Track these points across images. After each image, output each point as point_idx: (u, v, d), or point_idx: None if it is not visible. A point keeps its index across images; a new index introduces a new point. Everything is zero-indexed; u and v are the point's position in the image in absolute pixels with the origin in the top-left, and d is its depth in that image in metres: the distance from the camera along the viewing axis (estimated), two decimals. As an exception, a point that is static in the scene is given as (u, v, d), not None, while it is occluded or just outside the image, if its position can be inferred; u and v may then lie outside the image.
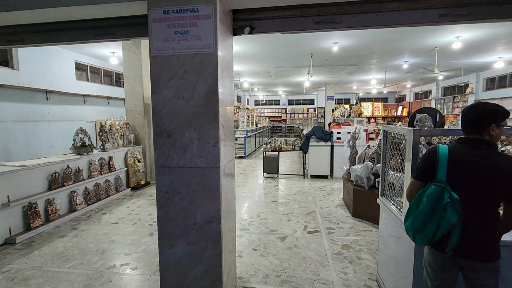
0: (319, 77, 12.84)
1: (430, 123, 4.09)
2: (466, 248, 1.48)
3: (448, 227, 1.44)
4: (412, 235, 1.59)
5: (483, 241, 1.48)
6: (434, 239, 1.50)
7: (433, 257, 1.62)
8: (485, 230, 1.48)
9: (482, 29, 6.17)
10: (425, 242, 1.54)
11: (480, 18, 2.19)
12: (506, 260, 1.63)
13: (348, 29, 2.42)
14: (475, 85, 11.79)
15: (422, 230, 1.51)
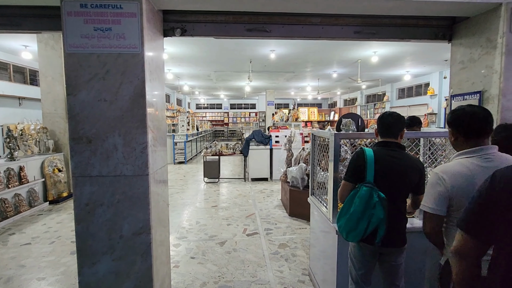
0: (259, 82, 13.24)
1: (354, 127, 4.55)
2: (389, 238, 1.69)
3: (377, 222, 1.63)
4: (345, 234, 1.72)
5: (400, 230, 1.74)
6: (365, 235, 1.67)
7: (361, 250, 1.79)
8: (401, 221, 1.74)
9: (393, 47, 7.18)
10: (357, 239, 1.69)
11: (385, 37, 2.55)
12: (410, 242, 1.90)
13: (278, 38, 2.55)
14: (390, 94, 13.65)
15: (355, 229, 1.67)
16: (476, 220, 0.92)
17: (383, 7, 2.24)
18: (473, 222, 0.93)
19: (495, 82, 2.12)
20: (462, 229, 0.96)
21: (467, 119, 1.38)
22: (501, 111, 2.09)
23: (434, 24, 2.54)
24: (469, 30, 2.37)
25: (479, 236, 0.92)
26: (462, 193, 1.34)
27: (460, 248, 0.96)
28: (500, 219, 0.84)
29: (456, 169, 1.37)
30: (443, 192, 1.37)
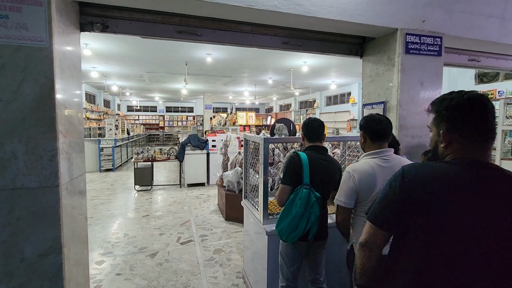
0: (196, 86, 12.96)
1: (286, 131, 4.82)
2: (320, 232, 1.85)
3: (314, 220, 1.75)
4: (286, 236, 1.79)
5: (325, 224, 1.92)
6: (303, 234, 1.77)
7: (294, 248, 1.88)
8: (326, 216, 1.93)
9: (320, 58, 7.87)
10: (296, 238, 1.78)
11: (309, 50, 2.77)
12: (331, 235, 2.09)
13: (209, 42, 2.55)
14: (320, 101, 14.92)
15: (295, 229, 1.75)
16: (385, 213, 0.99)
17: (306, 22, 2.44)
18: (383, 215, 0.99)
19: (394, 94, 2.51)
20: (375, 222, 1.01)
21: (374, 124, 1.63)
22: (398, 118, 2.49)
23: (349, 41, 2.88)
24: (375, 49, 2.75)
25: (389, 228, 0.99)
26: (366, 188, 1.55)
27: (369, 239, 1.02)
28: (408, 211, 0.92)
29: (363, 168, 1.59)
30: (353, 188, 1.57)
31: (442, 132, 0.97)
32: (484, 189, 0.88)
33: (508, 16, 2.82)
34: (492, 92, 7.52)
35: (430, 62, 2.58)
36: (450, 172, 0.91)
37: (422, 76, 2.56)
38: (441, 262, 0.89)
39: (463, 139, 0.93)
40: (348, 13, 2.34)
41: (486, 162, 0.93)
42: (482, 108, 0.92)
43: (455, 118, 0.94)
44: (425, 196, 0.90)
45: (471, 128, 0.92)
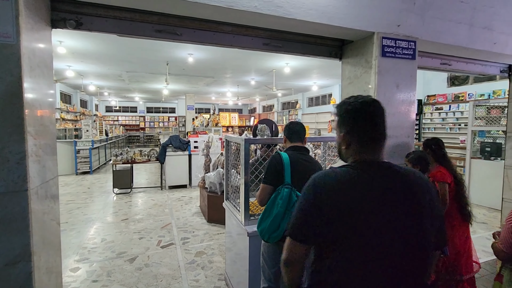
0: (178, 86, 12.76)
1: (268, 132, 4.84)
2: None
3: None
4: (267, 236, 1.77)
5: None
6: (285, 233, 1.76)
7: (276, 249, 1.87)
8: None
9: (302, 60, 7.98)
10: (278, 238, 1.76)
11: (290, 51, 2.80)
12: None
13: (189, 42, 2.51)
14: (302, 102, 15.12)
15: (277, 229, 1.74)
16: (303, 227, 0.95)
17: (287, 24, 2.46)
18: (301, 229, 0.96)
19: (371, 96, 2.58)
20: (294, 238, 0.97)
21: None
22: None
23: (329, 44, 2.94)
24: (354, 52, 2.82)
25: (308, 241, 0.97)
26: None
27: (290, 256, 0.98)
28: (324, 222, 0.92)
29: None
30: None
31: (341, 134, 1.03)
32: (383, 189, 0.93)
33: (475, 23, 2.98)
34: (463, 95, 7.93)
35: (405, 65, 2.67)
36: (353, 177, 0.94)
37: (398, 78, 2.65)
38: (357, 267, 0.91)
39: (357, 142, 1.00)
40: (327, 16, 2.38)
41: (378, 162, 0.99)
42: (371, 113, 0.99)
43: (350, 122, 1.00)
44: (336, 204, 0.91)
45: (362, 131, 0.99)
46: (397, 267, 0.92)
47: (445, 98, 8.42)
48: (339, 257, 0.93)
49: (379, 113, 1.00)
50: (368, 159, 0.98)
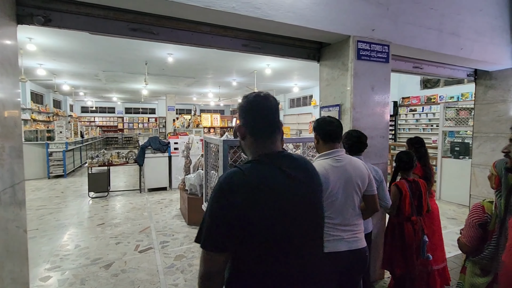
0: (157, 86, 12.50)
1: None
2: None
3: None
4: None
5: None
6: None
7: None
8: None
9: (283, 62, 8.06)
10: None
11: (269, 53, 2.82)
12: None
13: (166, 42, 2.46)
14: (284, 103, 15.27)
15: None
16: (216, 234, 0.91)
17: (265, 26, 2.47)
18: (215, 238, 0.91)
19: (348, 98, 2.66)
20: (209, 248, 0.92)
21: (326, 126, 1.70)
22: (352, 120, 2.63)
23: (307, 46, 2.99)
24: (331, 54, 2.89)
25: (224, 248, 0.92)
26: None
27: (207, 269, 0.93)
28: (236, 224, 0.90)
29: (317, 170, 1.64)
30: None
31: (239, 126, 1.08)
32: (287, 180, 0.99)
33: (444, 29, 3.14)
34: (435, 97, 8.32)
35: (379, 68, 2.77)
36: (258, 172, 0.97)
37: (373, 81, 2.74)
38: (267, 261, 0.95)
39: (253, 135, 1.05)
40: (305, 19, 2.42)
41: (278, 152, 1.05)
42: (260, 106, 1.04)
43: (245, 116, 1.06)
44: (244, 202, 0.90)
45: (255, 124, 1.05)
46: (304, 246, 1.02)
47: (419, 100, 8.80)
48: (254, 253, 0.94)
49: (270, 106, 1.05)
50: (268, 151, 1.03)
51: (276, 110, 1.07)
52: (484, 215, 1.67)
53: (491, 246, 1.62)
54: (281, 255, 0.96)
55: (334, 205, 1.63)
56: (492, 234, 1.63)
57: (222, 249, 0.92)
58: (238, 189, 0.92)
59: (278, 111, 1.09)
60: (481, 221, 1.67)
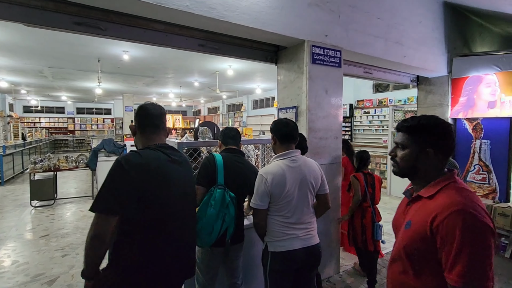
0: (113, 85, 11.76)
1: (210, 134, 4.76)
2: (237, 235, 1.84)
3: (229, 221, 1.72)
4: (200, 241, 1.71)
5: (241, 227, 1.92)
6: (219, 236, 1.71)
7: (210, 254, 1.84)
8: (242, 218, 1.93)
9: (245, 63, 8.09)
10: (212, 241, 1.71)
11: (227, 54, 2.80)
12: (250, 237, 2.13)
13: (115, 38, 2.31)
14: (247, 104, 15.34)
15: (211, 232, 1.68)
16: (111, 199, 1.15)
17: (221, 27, 2.45)
18: (110, 202, 1.14)
19: (304, 100, 2.74)
20: (103, 211, 1.14)
21: (282, 127, 1.75)
22: (308, 121, 2.72)
23: (264, 49, 3.02)
24: (287, 58, 2.96)
25: (117, 210, 1.15)
26: (278, 188, 1.64)
27: (98, 230, 1.13)
28: (129, 191, 1.19)
29: (274, 170, 1.67)
30: (266, 190, 1.64)
31: (131, 125, 1.48)
32: (170, 162, 1.35)
33: (390, 38, 3.40)
34: (385, 100, 8.99)
35: (332, 72, 2.90)
36: (150, 154, 1.29)
37: (326, 84, 2.87)
38: (155, 226, 1.25)
39: (141, 132, 1.41)
40: (261, 22, 2.45)
41: (163, 143, 1.39)
42: (147, 112, 1.41)
43: (137, 117, 1.42)
44: (138, 176, 1.20)
45: (143, 123, 1.41)
46: (182, 213, 1.37)
47: (371, 103, 9.44)
48: (141, 217, 1.22)
49: (155, 111, 1.42)
50: (154, 143, 1.37)
51: (160, 114, 1.44)
52: None
53: None
54: (165, 220, 1.28)
55: (290, 204, 1.67)
56: None
57: (113, 211, 1.14)
58: (134, 165, 1.21)
59: (162, 115, 1.45)
60: None
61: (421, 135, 1.03)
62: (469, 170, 4.17)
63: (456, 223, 0.87)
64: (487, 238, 0.86)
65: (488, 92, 3.89)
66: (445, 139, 1.02)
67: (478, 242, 0.86)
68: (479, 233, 0.86)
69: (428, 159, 1.02)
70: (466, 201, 0.91)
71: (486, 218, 0.89)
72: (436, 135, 1.01)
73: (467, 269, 0.85)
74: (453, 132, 1.05)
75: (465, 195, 0.94)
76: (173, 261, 1.32)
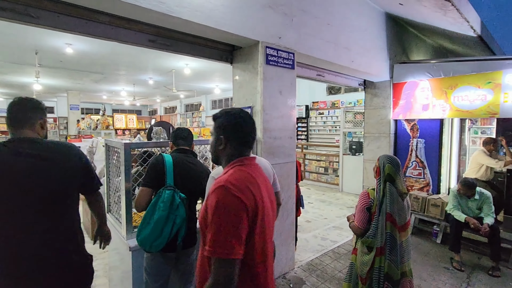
0: (55, 81, 10.65)
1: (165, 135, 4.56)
2: (189, 238, 1.77)
3: (180, 223, 1.64)
4: (149, 245, 1.62)
5: (194, 229, 1.85)
6: (169, 240, 1.61)
7: (162, 261, 1.73)
8: (194, 220, 1.85)
9: (202, 62, 7.92)
10: (161, 246, 1.61)
11: (179, 51, 2.71)
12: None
13: (52, 28, 2.10)
14: (205, 104, 15.08)
15: (160, 235, 1.58)
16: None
17: (173, 22, 2.36)
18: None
19: (259, 100, 2.77)
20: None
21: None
22: (263, 121, 2.76)
23: (220, 48, 2.99)
24: (243, 57, 2.97)
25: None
26: None
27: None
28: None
29: None
30: None
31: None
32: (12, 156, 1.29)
33: (339, 43, 3.61)
34: (337, 102, 9.54)
35: (286, 74, 2.98)
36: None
37: (281, 85, 2.93)
38: None
39: (9, 127, 1.38)
40: (214, 20, 2.41)
41: (21, 138, 1.34)
42: (15, 106, 1.38)
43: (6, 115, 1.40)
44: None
45: (8, 119, 1.38)
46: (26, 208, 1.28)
47: (325, 105, 9.95)
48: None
49: (17, 104, 1.38)
50: (15, 138, 1.34)
51: (21, 109, 1.38)
52: (369, 200, 1.98)
53: (374, 224, 1.93)
54: (5, 212, 1.24)
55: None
56: (374, 215, 1.95)
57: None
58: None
59: (25, 109, 1.38)
60: (367, 205, 1.97)
61: (215, 124, 1.16)
62: (408, 166, 4.61)
63: (214, 198, 0.96)
64: (235, 212, 0.94)
65: (423, 96, 4.35)
66: (231, 129, 1.13)
67: (223, 214, 0.94)
68: (226, 206, 0.94)
69: (222, 145, 1.13)
70: (230, 178, 1.00)
71: (241, 194, 0.97)
72: (223, 124, 1.13)
73: (212, 238, 0.93)
74: (241, 124, 1.14)
75: (235, 175, 1.03)
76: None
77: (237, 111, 1.16)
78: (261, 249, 1.03)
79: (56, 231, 1.35)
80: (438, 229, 3.86)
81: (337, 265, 3.21)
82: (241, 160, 1.12)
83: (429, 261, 3.35)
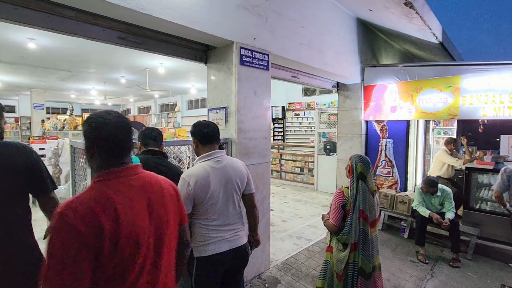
0: (17, 78, 9.93)
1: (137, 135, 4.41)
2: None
3: None
4: None
5: None
6: None
7: None
8: None
9: (177, 61, 7.74)
10: None
11: (151, 50, 2.62)
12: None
13: (9, 21, 1.95)
14: (181, 104, 14.79)
15: None
16: None
17: (144, 20, 2.29)
18: None
19: (233, 101, 2.76)
20: None
21: (202, 128, 1.74)
22: (237, 122, 2.75)
23: (194, 47, 2.94)
24: (217, 58, 2.94)
25: None
26: (201, 191, 1.59)
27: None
28: None
29: (198, 172, 1.62)
30: (189, 194, 1.57)
31: None
32: None
33: (313, 46, 3.69)
34: (313, 103, 9.75)
35: (260, 75, 3.00)
36: None
37: (255, 86, 2.94)
38: None
39: None
40: (188, 19, 2.37)
41: None
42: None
43: None
44: None
45: None
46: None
47: (301, 106, 10.14)
48: None
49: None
50: None
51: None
52: (344, 198, 2.04)
53: (348, 222, 2.00)
54: None
55: (215, 206, 1.65)
56: (348, 212, 2.01)
57: None
58: None
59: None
60: (342, 203, 2.04)
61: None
62: (378, 165, 4.82)
63: (53, 223, 0.86)
64: (68, 241, 0.82)
65: (391, 98, 4.57)
66: (93, 137, 0.99)
67: (56, 245, 0.82)
68: (62, 234, 0.82)
69: (88, 155, 1.02)
70: (72, 201, 0.89)
71: (76, 221, 0.84)
72: (86, 132, 1.01)
73: (46, 269, 0.81)
74: (102, 131, 0.98)
75: (81, 196, 0.93)
76: None
77: (101, 115, 1.01)
78: (120, 273, 0.91)
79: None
80: (405, 225, 4.07)
81: (311, 263, 3.28)
82: (107, 173, 0.98)
83: (397, 255, 3.52)
